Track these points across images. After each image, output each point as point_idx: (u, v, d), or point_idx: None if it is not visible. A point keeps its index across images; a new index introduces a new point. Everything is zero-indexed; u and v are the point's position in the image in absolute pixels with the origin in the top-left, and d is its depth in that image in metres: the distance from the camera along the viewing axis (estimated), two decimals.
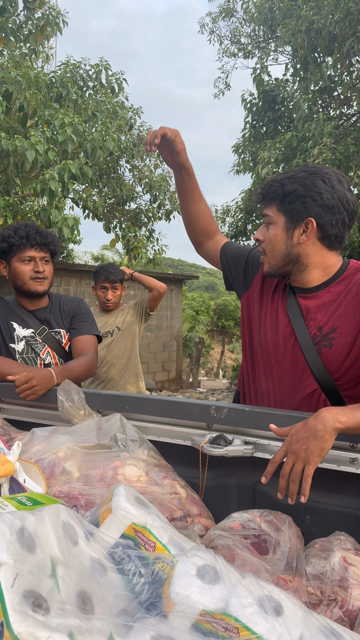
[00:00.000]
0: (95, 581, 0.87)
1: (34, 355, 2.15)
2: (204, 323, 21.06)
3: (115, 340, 3.56)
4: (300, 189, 1.43)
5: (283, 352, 1.54)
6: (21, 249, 2.11)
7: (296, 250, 1.48)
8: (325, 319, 1.46)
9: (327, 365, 1.43)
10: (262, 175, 7.81)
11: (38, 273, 2.12)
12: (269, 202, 1.51)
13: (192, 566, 0.92)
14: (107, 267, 3.52)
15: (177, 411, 1.47)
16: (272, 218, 1.50)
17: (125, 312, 3.65)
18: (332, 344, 1.43)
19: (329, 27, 7.21)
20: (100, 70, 7.98)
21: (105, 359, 3.54)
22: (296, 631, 0.86)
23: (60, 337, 2.24)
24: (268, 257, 1.54)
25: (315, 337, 1.46)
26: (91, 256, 20.56)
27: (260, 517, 1.22)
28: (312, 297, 1.51)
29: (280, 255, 1.50)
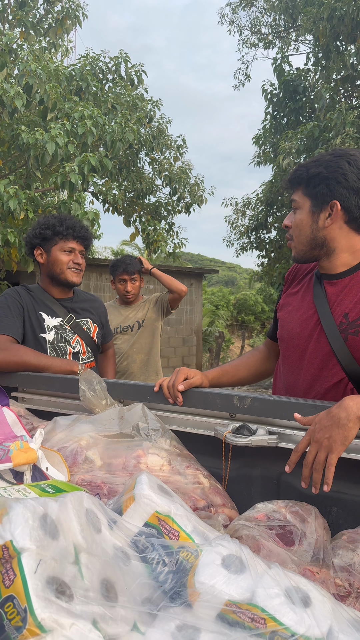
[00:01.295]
0: (118, 569, 0.85)
1: (64, 344, 2.18)
2: (223, 317, 21.00)
3: (138, 335, 3.54)
4: (325, 172, 1.40)
5: (309, 342, 1.51)
6: (65, 239, 2.20)
7: (322, 234, 1.45)
8: (351, 305, 1.42)
9: (354, 353, 1.40)
10: (283, 166, 7.71)
11: (77, 265, 2.22)
12: (296, 187, 1.49)
13: (217, 555, 0.90)
14: (124, 260, 3.50)
15: (200, 401, 1.45)
16: (298, 203, 1.48)
17: (146, 306, 3.62)
18: (358, 331, 1.39)
19: (351, 14, 7.05)
20: (119, 63, 7.95)
21: (126, 354, 3.53)
22: (325, 623, 0.84)
23: (88, 326, 2.29)
24: (295, 242, 1.51)
25: (342, 325, 1.42)
26: (111, 251, 20.64)
27: (285, 508, 1.19)
28: (339, 283, 1.47)
29: (306, 240, 1.48)
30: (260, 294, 22.78)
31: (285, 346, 1.60)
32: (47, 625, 0.67)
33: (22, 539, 0.75)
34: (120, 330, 3.51)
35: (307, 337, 1.51)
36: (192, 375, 1.50)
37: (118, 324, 3.51)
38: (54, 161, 5.75)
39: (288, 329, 1.59)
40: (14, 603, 0.68)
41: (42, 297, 2.21)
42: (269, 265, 10.82)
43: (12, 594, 0.69)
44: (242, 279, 37.46)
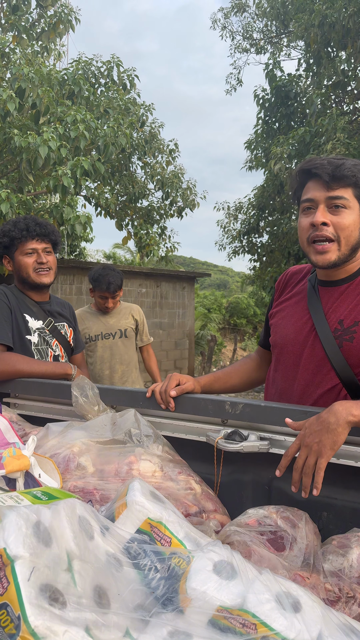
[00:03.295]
0: (111, 576, 0.86)
1: (47, 347, 2.17)
2: (216, 321, 21.02)
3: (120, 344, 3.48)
4: None
5: (302, 347, 1.52)
6: (22, 241, 2.13)
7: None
8: (346, 312, 1.44)
9: (349, 360, 1.41)
10: (274, 171, 7.75)
11: (41, 264, 2.14)
12: (344, 185, 1.41)
13: (208, 562, 0.91)
14: (107, 277, 3.33)
15: (192, 407, 1.47)
16: (348, 202, 1.41)
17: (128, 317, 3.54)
18: (353, 338, 1.40)
19: (342, 21, 7.12)
20: (111, 67, 7.98)
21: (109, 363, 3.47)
22: (315, 628, 0.85)
23: (65, 330, 2.28)
24: (341, 243, 1.43)
25: (337, 331, 1.44)
26: (103, 255, 20.62)
27: (276, 513, 1.21)
28: (335, 290, 1.49)
29: (353, 244, 1.43)
30: (252, 297, 22.85)
31: (279, 352, 1.61)
32: (41, 632, 0.68)
33: (16, 547, 0.75)
34: (102, 337, 3.45)
35: (302, 342, 1.52)
36: (185, 381, 1.51)
37: (99, 331, 3.45)
38: (47, 165, 5.76)
39: (282, 335, 1.60)
40: (7, 610, 0.68)
41: (23, 299, 2.19)
42: (261, 269, 10.87)
43: (6, 602, 0.69)
44: (234, 282, 37.58)
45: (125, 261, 19.50)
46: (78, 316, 3.40)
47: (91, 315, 3.50)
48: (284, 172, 7.67)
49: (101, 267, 3.46)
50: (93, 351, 3.47)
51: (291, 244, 9.10)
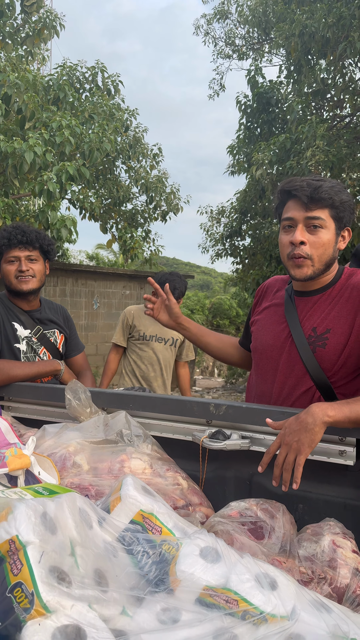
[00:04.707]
0: (109, 560, 0.97)
1: (34, 355, 2.24)
2: (199, 322, 21.17)
3: (167, 351, 3.54)
4: (350, 201, 1.55)
5: (280, 353, 1.64)
6: (6, 249, 2.17)
7: (336, 256, 1.59)
8: (319, 320, 1.57)
9: (321, 364, 1.54)
10: (256, 177, 7.92)
11: (21, 272, 2.15)
12: (321, 206, 1.52)
13: (195, 547, 1.03)
14: (173, 282, 3.29)
15: (179, 408, 1.57)
16: (325, 222, 1.53)
17: None
18: (325, 344, 1.53)
19: (322, 31, 7.31)
20: (96, 73, 8.06)
21: (156, 365, 3.52)
22: (289, 603, 0.97)
23: (55, 337, 2.33)
24: (314, 260, 1.54)
25: (310, 338, 1.56)
26: (86, 255, 20.58)
27: (256, 505, 1.32)
28: (310, 299, 1.62)
29: (327, 260, 1.56)
30: (235, 299, 23.01)
31: (259, 357, 1.74)
32: (52, 606, 0.78)
33: (27, 534, 0.85)
34: (156, 339, 3.51)
35: (280, 348, 1.65)
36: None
37: (154, 333, 3.50)
38: (32, 170, 5.82)
39: (262, 341, 1.72)
40: (22, 588, 0.79)
41: (12, 307, 2.23)
42: (244, 271, 11.03)
43: (20, 581, 0.79)
44: (217, 283, 37.76)
45: (108, 262, 19.51)
46: (134, 312, 3.54)
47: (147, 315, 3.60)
48: (265, 177, 7.84)
49: (168, 273, 3.49)
50: (144, 351, 3.51)
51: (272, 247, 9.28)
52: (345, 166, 7.31)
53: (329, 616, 0.98)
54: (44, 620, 0.76)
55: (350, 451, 1.35)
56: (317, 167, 6.96)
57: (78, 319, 10.23)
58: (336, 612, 1.00)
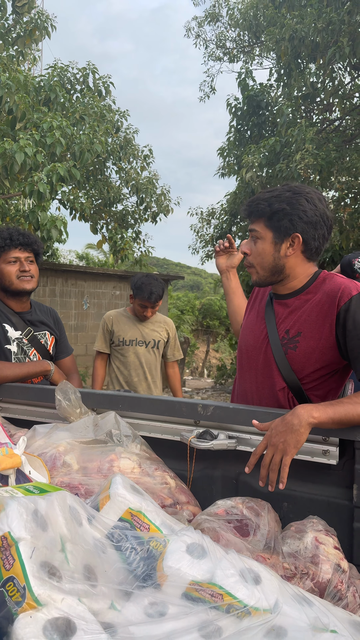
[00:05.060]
0: (98, 556, 1.00)
1: (24, 357, 2.26)
2: (189, 322, 21.19)
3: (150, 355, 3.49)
4: (288, 208, 1.58)
5: (258, 353, 1.70)
6: (6, 250, 2.22)
7: (282, 262, 1.63)
8: (292, 323, 1.62)
9: (293, 366, 1.59)
10: (246, 179, 7.97)
11: (24, 272, 2.23)
12: (256, 218, 1.65)
13: (182, 544, 1.06)
14: (150, 286, 3.32)
15: (167, 409, 1.61)
16: (259, 233, 1.64)
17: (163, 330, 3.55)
18: (296, 347, 1.58)
19: (311, 36, 7.38)
20: (87, 74, 8.07)
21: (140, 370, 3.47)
22: (272, 597, 1.01)
23: (45, 339, 2.36)
24: (257, 268, 1.67)
25: (283, 340, 1.61)
26: (76, 255, 20.53)
27: (242, 503, 1.36)
28: (286, 303, 1.67)
29: (268, 267, 1.65)
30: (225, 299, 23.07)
31: (241, 356, 1.80)
32: (43, 599, 0.81)
33: (18, 530, 0.88)
34: (136, 343, 3.46)
35: (258, 348, 1.70)
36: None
37: (134, 337, 3.46)
38: (23, 171, 5.82)
39: (244, 341, 1.78)
40: (14, 582, 0.82)
41: (2, 309, 2.26)
42: None
43: (13, 575, 0.82)
44: (207, 284, 37.86)
45: (98, 262, 19.49)
46: (113, 317, 3.50)
47: (127, 320, 3.50)
48: (255, 180, 7.89)
49: (144, 275, 3.46)
50: (125, 356, 3.47)
51: None
52: (334, 170, 7.39)
53: (310, 609, 1.02)
54: (35, 613, 0.79)
55: (333, 451, 1.39)
56: (307, 170, 7.03)
57: (68, 319, 10.22)
58: (317, 606, 1.04)
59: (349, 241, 7.57)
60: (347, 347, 1.51)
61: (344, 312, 1.50)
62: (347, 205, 7.91)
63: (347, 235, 7.51)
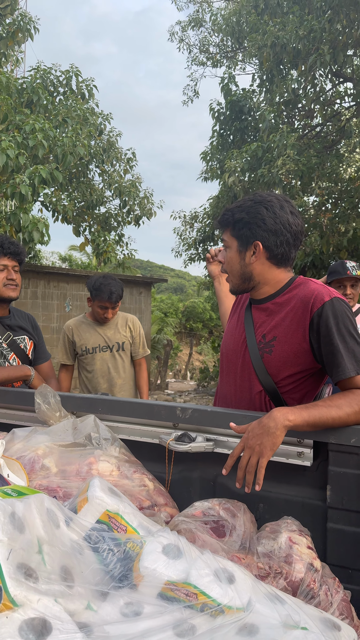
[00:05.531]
0: (75, 558, 1.02)
1: (3, 361, 2.27)
2: (172, 325, 21.22)
3: (117, 358, 3.40)
4: (247, 217, 1.64)
5: (238, 356, 1.73)
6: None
7: (249, 270, 1.68)
8: (268, 328, 1.65)
9: (269, 369, 1.62)
10: (229, 184, 8.04)
11: (11, 280, 2.29)
12: (224, 228, 1.72)
13: (158, 545, 1.08)
14: (109, 286, 3.26)
15: (146, 412, 1.63)
16: (227, 242, 1.71)
17: (125, 328, 3.47)
18: (272, 351, 1.62)
19: (293, 43, 7.49)
20: (70, 77, 8.06)
21: (107, 376, 3.39)
22: (245, 595, 1.03)
23: (25, 344, 2.37)
24: (230, 276, 1.74)
25: (260, 344, 1.65)
26: (58, 257, 20.42)
27: (219, 505, 1.39)
28: (262, 308, 1.70)
29: (237, 274, 1.71)
30: (209, 302, 23.18)
31: (223, 359, 1.84)
32: (19, 600, 0.83)
33: None
34: (100, 349, 3.37)
35: (237, 352, 1.74)
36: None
37: (97, 344, 3.37)
38: (5, 172, 5.79)
39: (226, 345, 1.82)
40: None
41: None
42: None
43: None
44: (190, 287, 37.95)
45: (81, 264, 19.41)
46: (73, 327, 3.39)
47: (87, 326, 3.41)
48: (237, 184, 7.96)
49: (102, 276, 3.38)
50: (90, 364, 3.38)
51: None
52: (314, 175, 7.49)
53: (282, 607, 1.05)
54: (11, 613, 0.81)
55: (307, 452, 1.42)
56: (288, 175, 7.12)
57: (50, 321, 10.17)
58: (289, 604, 1.07)
59: (329, 246, 7.68)
60: (320, 352, 1.54)
61: (317, 317, 1.54)
62: (328, 210, 8.03)
63: (328, 240, 7.61)
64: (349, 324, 1.52)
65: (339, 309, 1.53)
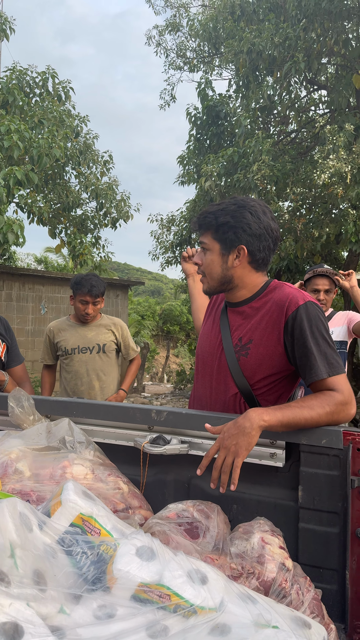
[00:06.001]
0: (47, 562, 1.01)
1: None
2: (149, 328, 21.20)
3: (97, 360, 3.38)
4: (232, 221, 1.65)
5: (214, 359, 1.75)
6: None
7: (230, 273, 1.69)
8: (244, 331, 1.68)
9: (244, 372, 1.65)
10: (205, 188, 8.09)
11: None
12: (204, 231, 1.71)
13: (132, 547, 1.09)
14: (90, 279, 3.27)
15: (121, 415, 1.63)
16: (208, 245, 1.71)
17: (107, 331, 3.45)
18: (248, 353, 1.64)
19: (269, 50, 7.59)
20: (47, 78, 8.01)
21: (85, 378, 3.36)
22: (218, 596, 1.05)
23: None
24: (207, 278, 1.74)
25: (237, 347, 1.67)
26: (34, 258, 20.21)
27: (193, 506, 1.40)
28: (238, 311, 1.73)
29: (217, 277, 1.71)
30: (185, 305, 23.23)
31: (198, 362, 1.85)
32: None
33: None
34: (79, 350, 3.35)
35: (213, 355, 1.76)
36: None
37: (76, 345, 3.35)
38: None
39: (201, 348, 1.84)
40: None
41: None
42: None
43: None
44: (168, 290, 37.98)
45: (57, 266, 19.25)
46: (55, 327, 3.38)
47: (69, 327, 3.40)
48: (213, 189, 8.02)
49: (85, 274, 3.38)
50: (69, 365, 3.36)
51: None
52: (289, 181, 7.60)
53: (254, 607, 1.07)
54: None
55: (280, 454, 1.45)
56: (263, 181, 7.20)
57: (25, 323, 10.04)
58: (261, 603, 1.09)
59: (304, 250, 7.79)
60: (294, 354, 1.57)
61: (291, 320, 1.57)
62: (302, 215, 8.14)
63: (302, 244, 7.72)
64: (322, 328, 1.56)
65: (312, 313, 1.57)
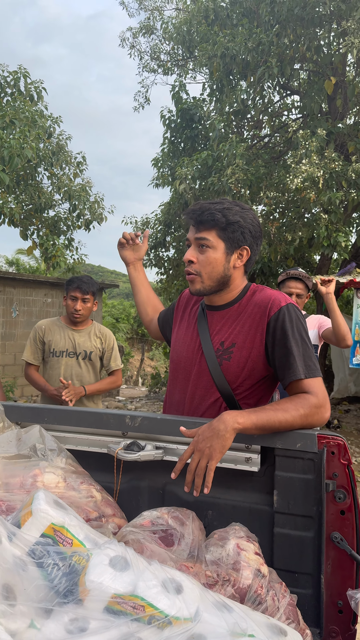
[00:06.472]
0: (17, 575, 0.98)
1: None
2: (123, 331, 21.08)
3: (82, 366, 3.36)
4: (241, 221, 1.65)
5: (192, 364, 1.72)
6: None
7: (230, 273, 1.68)
8: (226, 334, 1.67)
9: (227, 376, 1.63)
10: (179, 191, 8.09)
11: None
12: (209, 228, 1.64)
13: (105, 557, 1.06)
14: (81, 278, 3.34)
15: (95, 421, 1.60)
16: (211, 242, 1.64)
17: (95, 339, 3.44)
18: (230, 357, 1.63)
19: (242, 55, 7.64)
20: (18, 78, 7.89)
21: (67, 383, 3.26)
22: (193, 605, 1.03)
23: None
24: (203, 277, 1.67)
25: (218, 351, 1.66)
26: (5, 260, 19.88)
27: (167, 513, 1.38)
28: (219, 314, 1.72)
29: (217, 277, 1.67)
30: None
31: (174, 367, 1.81)
32: None
33: None
34: (66, 354, 3.34)
35: (192, 360, 1.73)
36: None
37: (64, 348, 3.34)
38: None
39: (177, 352, 1.80)
40: None
41: None
42: (168, 281, 11.18)
43: None
44: None
45: (29, 268, 18.97)
46: (46, 326, 3.35)
47: (59, 329, 3.39)
48: (188, 192, 8.03)
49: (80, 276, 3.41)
50: (54, 368, 3.33)
51: None
52: (262, 185, 7.66)
53: (230, 615, 1.05)
54: None
55: (255, 458, 1.44)
56: (237, 184, 7.24)
57: None
58: (237, 612, 1.07)
59: (277, 254, 7.86)
60: (274, 355, 1.58)
61: (273, 321, 1.58)
62: (275, 219, 8.22)
63: (275, 248, 7.79)
64: (302, 330, 1.58)
65: (294, 315, 1.59)
